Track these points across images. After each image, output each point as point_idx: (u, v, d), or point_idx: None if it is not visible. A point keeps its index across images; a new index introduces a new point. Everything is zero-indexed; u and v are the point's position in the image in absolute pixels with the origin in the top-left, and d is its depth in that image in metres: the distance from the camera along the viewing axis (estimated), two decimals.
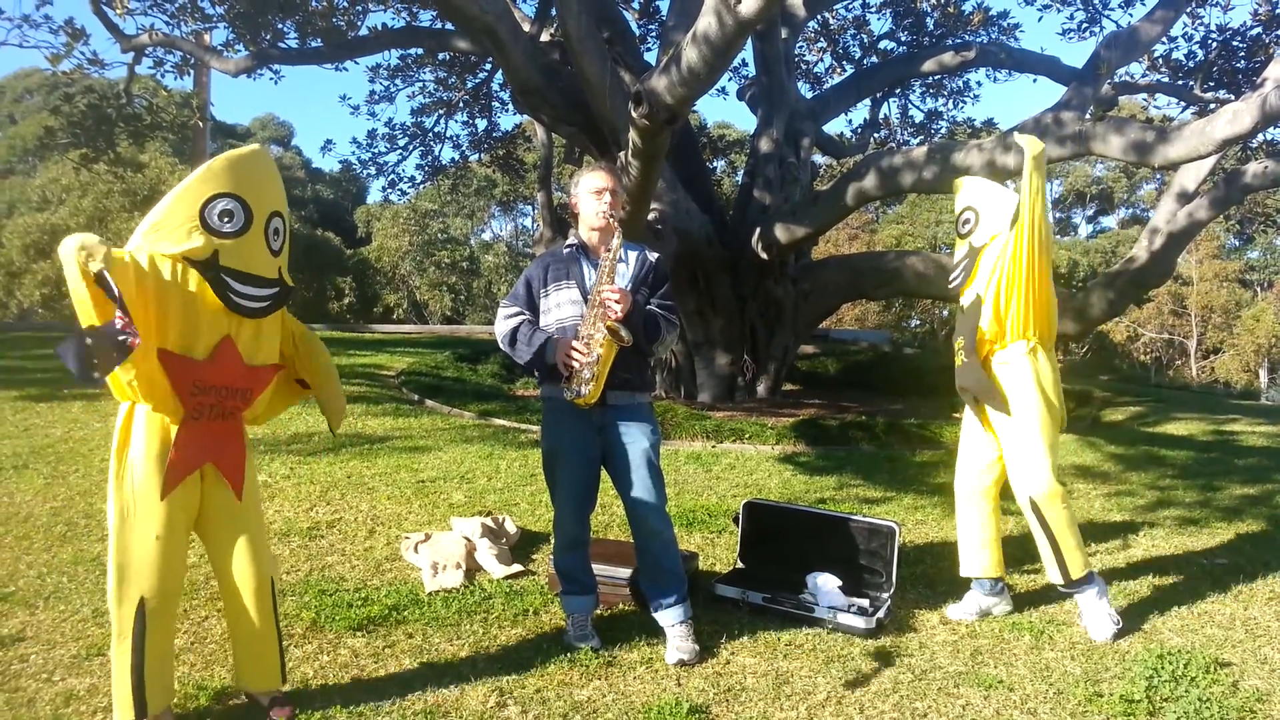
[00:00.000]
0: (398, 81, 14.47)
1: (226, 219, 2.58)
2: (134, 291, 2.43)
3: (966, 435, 3.87)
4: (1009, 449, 3.64)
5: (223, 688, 2.93)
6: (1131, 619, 3.73)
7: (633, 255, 3.42)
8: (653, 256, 3.46)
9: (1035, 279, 3.51)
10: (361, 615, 3.51)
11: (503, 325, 3.40)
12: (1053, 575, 3.63)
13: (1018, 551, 4.41)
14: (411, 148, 15.42)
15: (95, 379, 2.32)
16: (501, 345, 3.43)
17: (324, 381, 3.01)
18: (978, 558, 3.81)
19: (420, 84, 14.87)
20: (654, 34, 13.58)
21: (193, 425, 2.59)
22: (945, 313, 24.52)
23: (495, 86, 14.92)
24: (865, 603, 3.73)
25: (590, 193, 3.37)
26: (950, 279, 3.85)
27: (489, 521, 4.52)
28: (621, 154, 7.20)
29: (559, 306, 3.35)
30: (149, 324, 2.47)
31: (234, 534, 2.70)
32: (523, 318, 3.39)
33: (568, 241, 3.48)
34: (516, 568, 4.17)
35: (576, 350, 3.18)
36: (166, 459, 2.55)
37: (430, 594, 3.80)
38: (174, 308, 2.53)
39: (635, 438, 3.32)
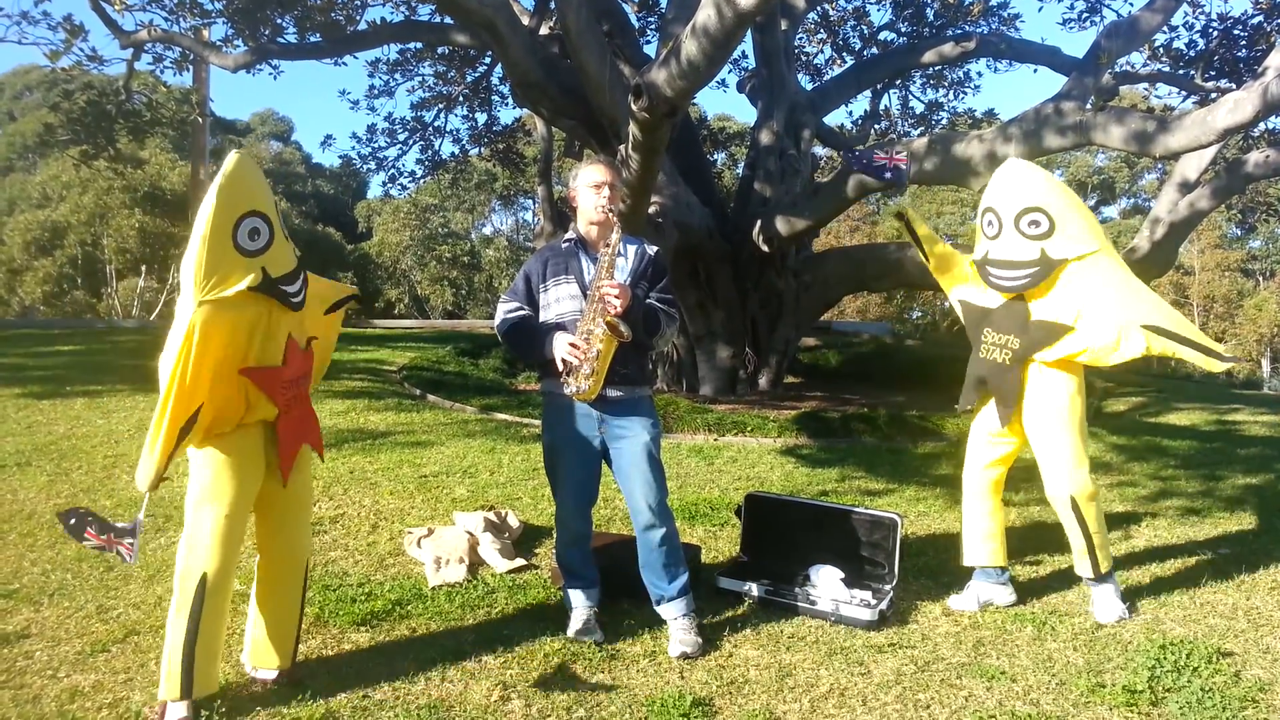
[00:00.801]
0: (397, 76, 14.44)
1: (255, 237, 2.72)
2: (200, 363, 2.61)
3: (981, 428, 3.86)
4: (1047, 452, 3.67)
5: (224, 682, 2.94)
6: (1134, 609, 3.74)
7: (631, 249, 3.41)
8: (651, 250, 3.46)
9: None
10: (365, 610, 3.52)
11: (502, 320, 3.41)
12: (1084, 569, 3.71)
13: (1020, 543, 4.41)
14: (411, 142, 15.40)
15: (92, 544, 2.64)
16: (501, 339, 3.45)
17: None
18: (984, 548, 3.85)
19: (420, 78, 14.85)
20: (653, 27, 13.55)
21: (286, 418, 2.85)
22: (947, 305, 24.48)
23: (495, 80, 14.91)
24: (868, 595, 3.73)
25: (589, 186, 3.37)
26: (1004, 275, 3.66)
27: (492, 516, 4.53)
28: (622, 147, 7.19)
29: (558, 301, 3.35)
30: (226, 361, 2.68)
31: (290, 512, 2.96)
32: (522, 312, 3.39)
33: (566, 236, 3.47)
34: (519, 562, 4.17)
35: (575, 346, 3.18)
36: (240, 443, 2.76)
37: (433, 588, 3.81)
38: (246, 336, 2.73)
39: (636, 432, 3.32)
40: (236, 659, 3.08)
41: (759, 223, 9.58)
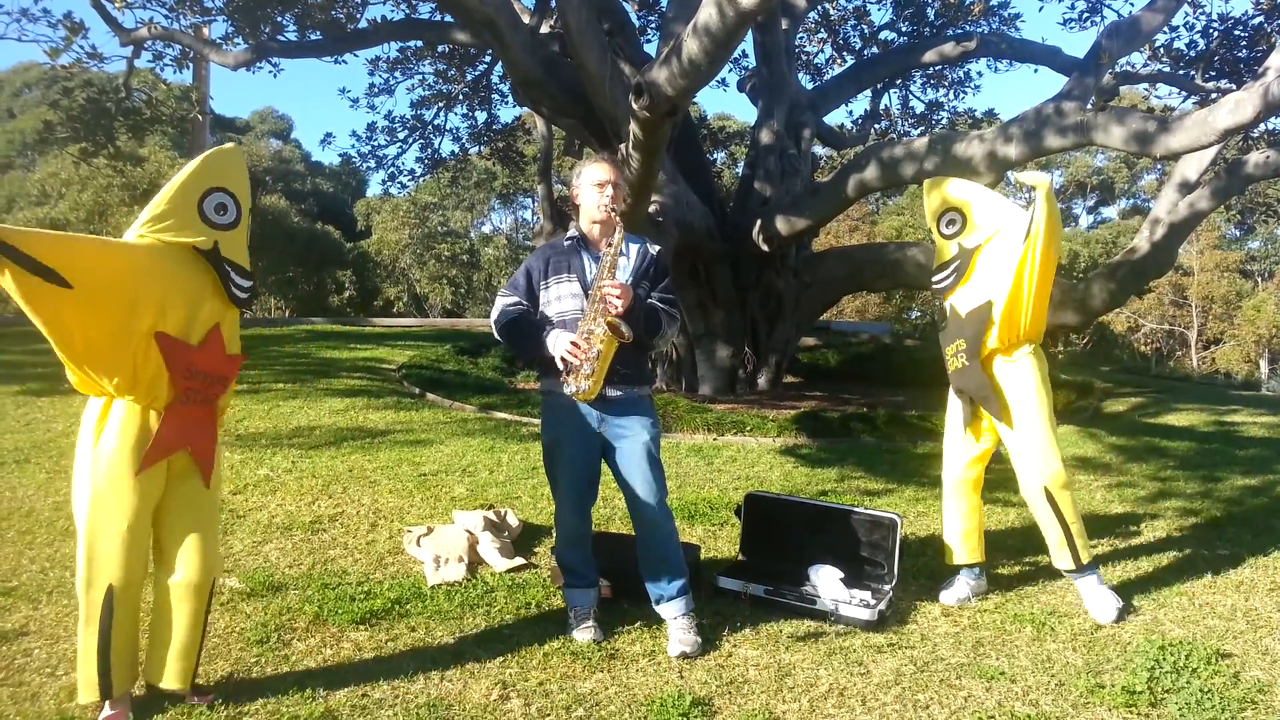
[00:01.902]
0: (397, 74, 14.43)
1: (222, 212, 2.75)
2: (100, 274, 2.53)
3: (954, 429, 3.94)
4: (1018, 444, 3.71)
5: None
6: (1133, 610, 3.74)
7: (633, 248, 3.41)
8: (653, 249, 3.46)
9: (1045, 289, 3.64)
10: (364, 609, 3.51)
11: (501, 313, 3.39)
12: (1063, 562, 3.73)
13: (1021, 544, 4.42)
14: (411, 140, 15.39)
15: None
16: (497, 332, 3.43)
17: None
18: (965, 545, 3.92)
19: (420, 77, 14.83)
20: (654, 26, 13.54)
21: (179, 410, 2.68)
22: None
23: (495, 79, 14.89)
24: (867, 595, 3.73)
25: (592, 185, 3.36)
26: (936, 279, 3.87)
27: (491, 515, 4.53)
28: (622, 146, 7.18)
29: (559, 299, 3.34)
30: (143, 311, 2.59)
31: (190, 526, 2.75)
32: (521, 306, 3.38)
33: (568, 234, 3.47)
34: (519, 561, 4.17)
35: (576, 346, 3.17)
36: (141, 448, 2.62)
37: (433, 587, 3.81)
38: (177, 294, 2.66)
39: (635, 431, 3.32)
40: (237, 656, 3.08)
41: (759, 222, 9.58)
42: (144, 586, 2.77)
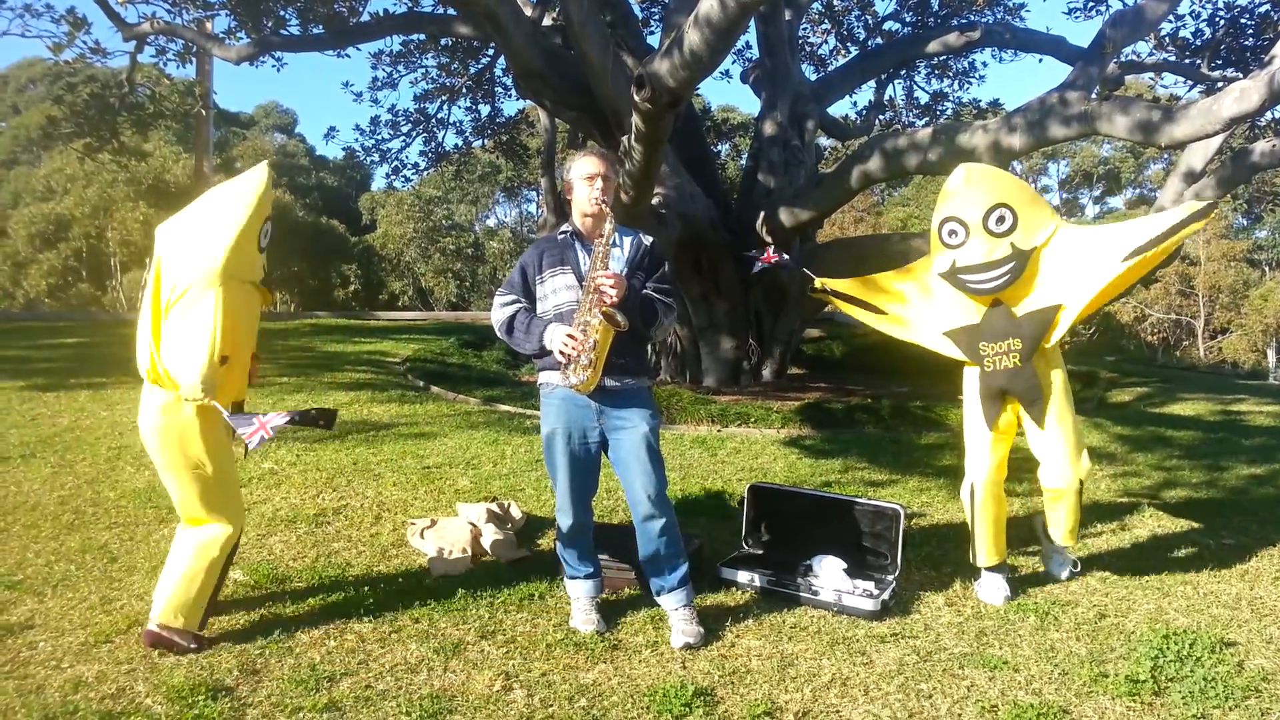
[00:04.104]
0: (400, 68, 14.42)
1: (264, 237, 3.21)
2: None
3: (980, 431, 3.82)
4: (1053, 441, 3.74)
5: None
6: (1137, 599, 3.74)
7: (628, 240, 3.41)
8: (648, 240, 3.46)
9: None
10: (368, 601, 3.52)
11: (499, 314, 3.40)
12: (1063, 538, 3.90)
13: (1020, 531, 4.41)
14: (415, 134, 15.38)
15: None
16: (499, 334, 3.44)
17: None
18: (995, 546, 3.84)
19: (423, 70, 14.82)
20: (656, 17, 13.50)
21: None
22: None
23: (498, 72, 14.86)
24: (870, 585, 3.73)
25: (582, 178, 3.36)
26: (984, 277, 3.67)
27: (494, 507, 4.53)
28: (624, 138, 7.17)
29: (555, 293, 3.34)
30: (240, 340, 3.14)
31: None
32: (519, 305, 3.38)
33: (562, 228, 3.47)
34: (522, 553, 4.18)
35: (572, 337, 3.18)
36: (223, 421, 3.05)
37: (436, 579, 3.82)
38: (249, 321, 3.20)
39: (635, 422, 3.32)
40: (241, 648, 3.09)
41: (762, 214, 9.57)
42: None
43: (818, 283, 4.12)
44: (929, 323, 3.93)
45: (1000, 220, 3.63)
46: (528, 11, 9.96)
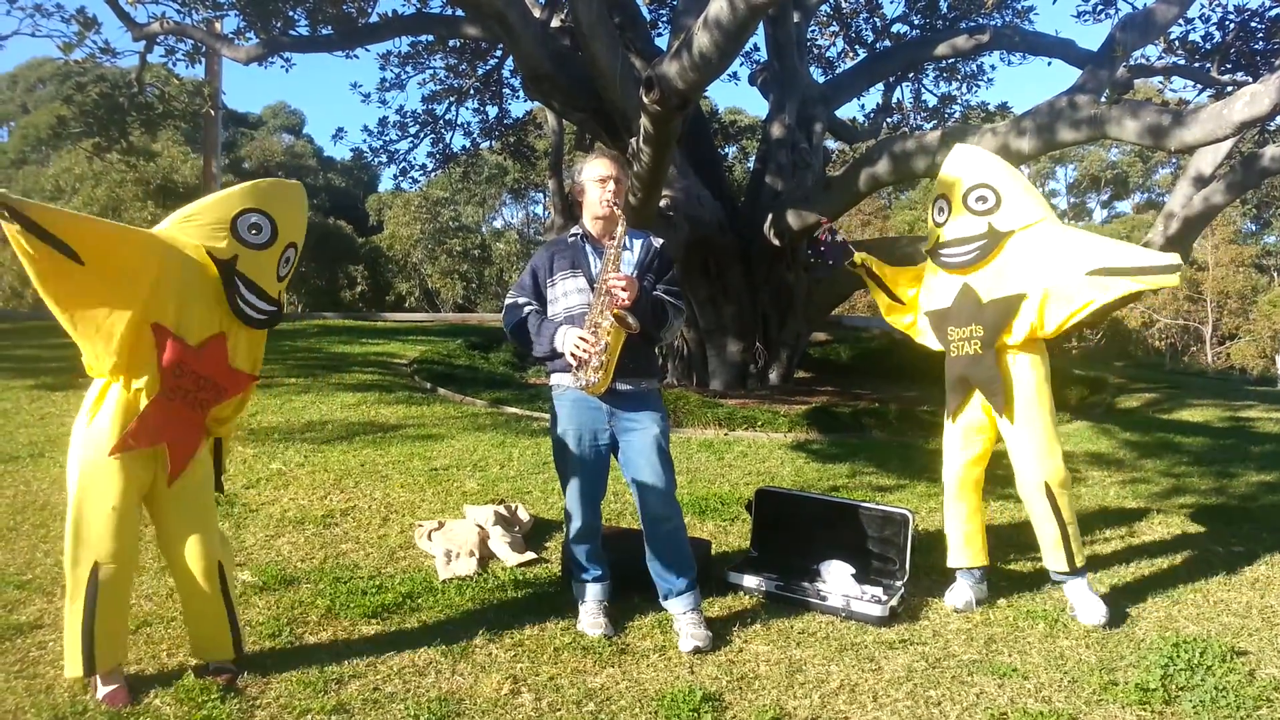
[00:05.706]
0: (408, 69, 14.42)
1: (254, 231, 2.84)
2: (113, 257, 2.61)
3: (957, 427, 3.83)
4: (1020, 439, 3.64)
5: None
6: (1147, 607, 3.72)
7: (637, 242, 3.42)
8: (657, 242, 3.46)
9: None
10: (376, 603, 3.52)
11: (510, 315, 3.41)
12: (1057, 563, 3.64)
13: (1029, 538, 4.38)
14: (422, 135, 15.38)
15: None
16: (509, 336, 3.44)
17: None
18: (968, 549, 3.82)
19: (431, 71, 14.82)
20: (665, 19, 13.50)
21: (164, 404, 2.73)
22: None
23: (506, 73, 14.86)
24: (879, 591, 3.72)
25: (594, 181, 3.37)
26: (950, 252, 3.71)
27: (502, 509, 4.53)
28: (633, 140, 7.17)
29: (566, 295, 3.35)
30: (146, 298, 2.65)
31: (179, 518, 2.83)
32: (530, 308, 3.39)
33: (573, 230, 3.48)
34: (529, 555, 4.18)
35: (584, 339, 3.18)
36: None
37: (444, 582, 3.81)
38: (177, 288, 2.71)
39: (644, 424, 3.32)
40: (250, 649, 3.09)
41: (770, 217, 9.55)
42: (134, 566, 2.86)
43: (858, 258, 4.09)
44: (921, 309, 3.95)
45: (981, 200, 3.65)
46: (536, 13, 9.97)
